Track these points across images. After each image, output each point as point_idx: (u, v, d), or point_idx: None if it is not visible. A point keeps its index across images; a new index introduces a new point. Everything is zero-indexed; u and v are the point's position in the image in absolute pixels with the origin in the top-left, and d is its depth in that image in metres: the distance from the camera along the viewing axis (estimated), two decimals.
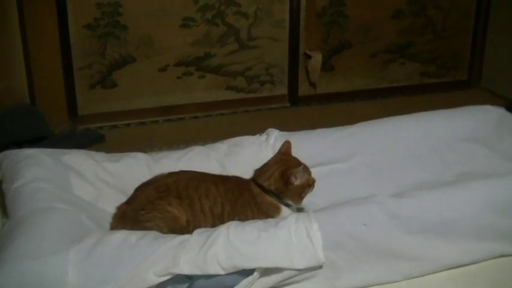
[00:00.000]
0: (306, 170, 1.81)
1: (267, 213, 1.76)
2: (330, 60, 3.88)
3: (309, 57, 3.77)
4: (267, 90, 3.83)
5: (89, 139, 3.16)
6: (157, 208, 1.70)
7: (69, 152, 1.98)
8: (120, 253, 1.47)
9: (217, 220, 1.72)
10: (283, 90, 3.85)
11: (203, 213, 1.73)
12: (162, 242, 1.50)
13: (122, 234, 1.54)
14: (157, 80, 3.56)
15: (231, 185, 1.81)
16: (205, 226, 1.69)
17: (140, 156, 2.03)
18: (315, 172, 1.85)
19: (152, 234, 1.56)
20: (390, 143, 2.09)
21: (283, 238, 1.50)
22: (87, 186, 1.87)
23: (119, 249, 1.48)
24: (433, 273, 1.60)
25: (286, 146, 1.87)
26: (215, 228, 1.57)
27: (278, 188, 1.77)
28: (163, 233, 1.63)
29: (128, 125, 3.52)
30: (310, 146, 2.07)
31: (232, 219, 1.66)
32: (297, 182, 1.76)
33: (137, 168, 1.97)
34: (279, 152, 1.88)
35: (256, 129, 2.18)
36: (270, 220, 1.61)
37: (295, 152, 1.87)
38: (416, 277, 1.59)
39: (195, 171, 1.85)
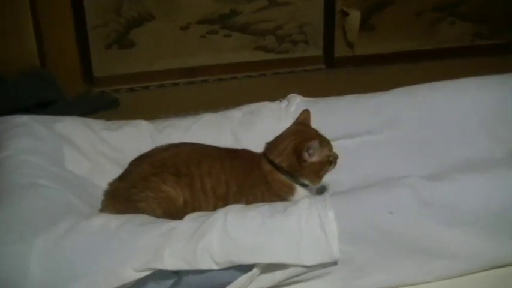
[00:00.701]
0: (326, 144, 1.61)
1: (279, 194, 1.58)
2: (369, 19, 3.71)
3: (346, 14, 3.61)
4: (300, 50, 3.69)
5: (102, 103, 3.07)
6: (150, 186, 1.54)
7: (63, 119, 1.83)
8: (95, 243, 1.31)
9: (220, 201, 1.55)
10: (317, 50, 3.70)
11: (204, 193, 1.56)
12: (146, 230, 1.32)
13: (100, 219, 1.36)
14: (178, 39, 3.46)
15: (238, 161, 1.63)
16: (207, 208, 1.53)
17: (143, 124, 1.87)
18: (340, 145, 1.69)
19: (138, 219, 1.37)
20: (432, 112, 1.88)
21: (291, 227, 1.31)
22: (81, 159, 1.73)
23: (94, 238, 1.31)
24: (470, 273, 1.40)
25: (304, 115, 1.69)
26: (212, 212, 1.38)
27: (291, 165, 1.58)
28: (157, 215, 1.46)
29: (147, 87, 3.44)
30: (337, 115, 1.89)
31: (239, 201, 1.50)
32: (312, 158, 1.56)
33: (139, 139, 1.82)
34: (296, 122, 1.69)
35: (287, 93, 2.02)
36: (278, 204, 1.41)
37: (320, 122, 1.69)
38: (451, 278, 1.39)
39: (198, 144, 1.68)
